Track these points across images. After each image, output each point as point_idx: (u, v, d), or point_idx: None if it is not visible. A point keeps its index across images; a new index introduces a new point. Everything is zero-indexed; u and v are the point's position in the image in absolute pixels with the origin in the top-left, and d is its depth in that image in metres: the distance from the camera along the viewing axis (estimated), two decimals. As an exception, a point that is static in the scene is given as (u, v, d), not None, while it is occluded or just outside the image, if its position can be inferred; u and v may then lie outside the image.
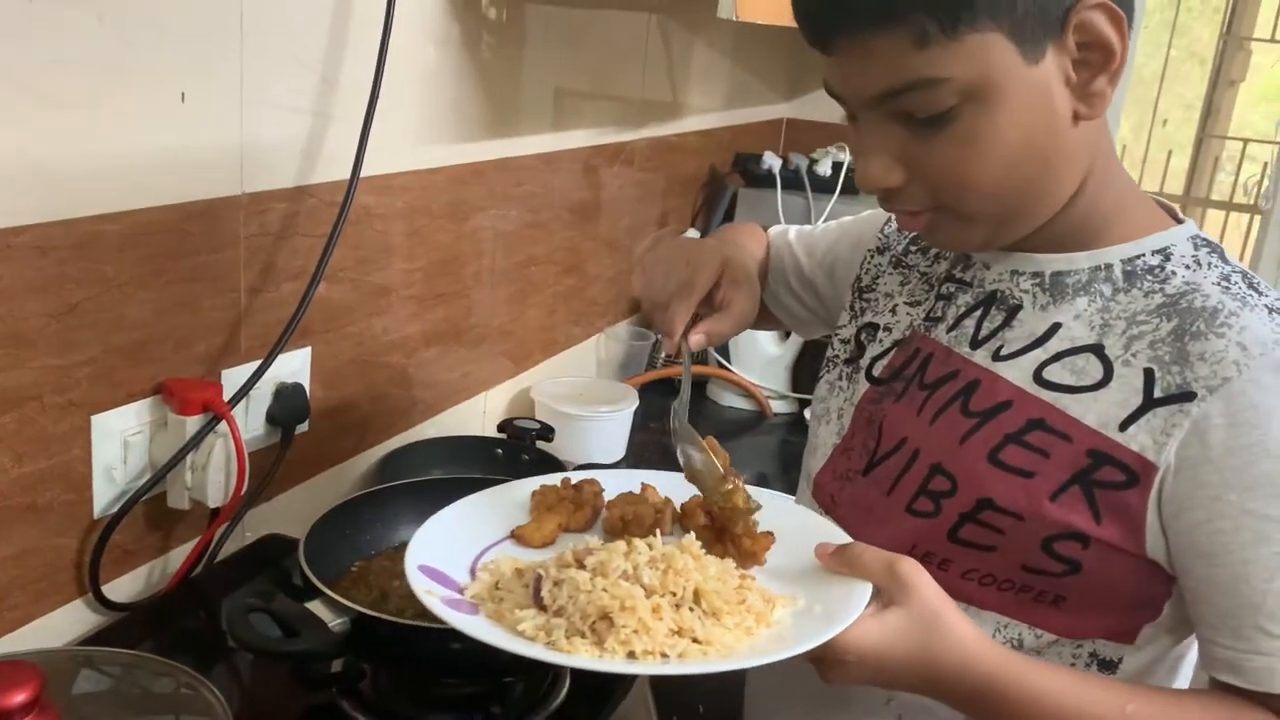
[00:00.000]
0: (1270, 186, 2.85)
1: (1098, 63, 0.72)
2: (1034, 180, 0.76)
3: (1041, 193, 0.77)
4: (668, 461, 0.91)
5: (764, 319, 1.13)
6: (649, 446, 1.66)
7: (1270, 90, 3.53)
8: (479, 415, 1.59)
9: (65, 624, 1.01)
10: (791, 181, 2.09)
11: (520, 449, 1.40)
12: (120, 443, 1.01)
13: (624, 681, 1.00)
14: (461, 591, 0.76)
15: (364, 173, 1.16)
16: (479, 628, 0.70)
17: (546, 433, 1.43)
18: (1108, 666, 0.80)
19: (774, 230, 1.13)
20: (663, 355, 1.97)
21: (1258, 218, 2.99)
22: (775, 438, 1.87)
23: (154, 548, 1.09)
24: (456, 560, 0.79)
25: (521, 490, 0.88)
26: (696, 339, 0.85)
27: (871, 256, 0.99)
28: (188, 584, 1.11)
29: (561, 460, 1.39)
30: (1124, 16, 0.71)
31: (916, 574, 0.70)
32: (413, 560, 0.76)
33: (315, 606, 0.85)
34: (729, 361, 1.93)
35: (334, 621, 0.84)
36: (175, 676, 0.83)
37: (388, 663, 0.94)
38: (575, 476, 0.89)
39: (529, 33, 1.50)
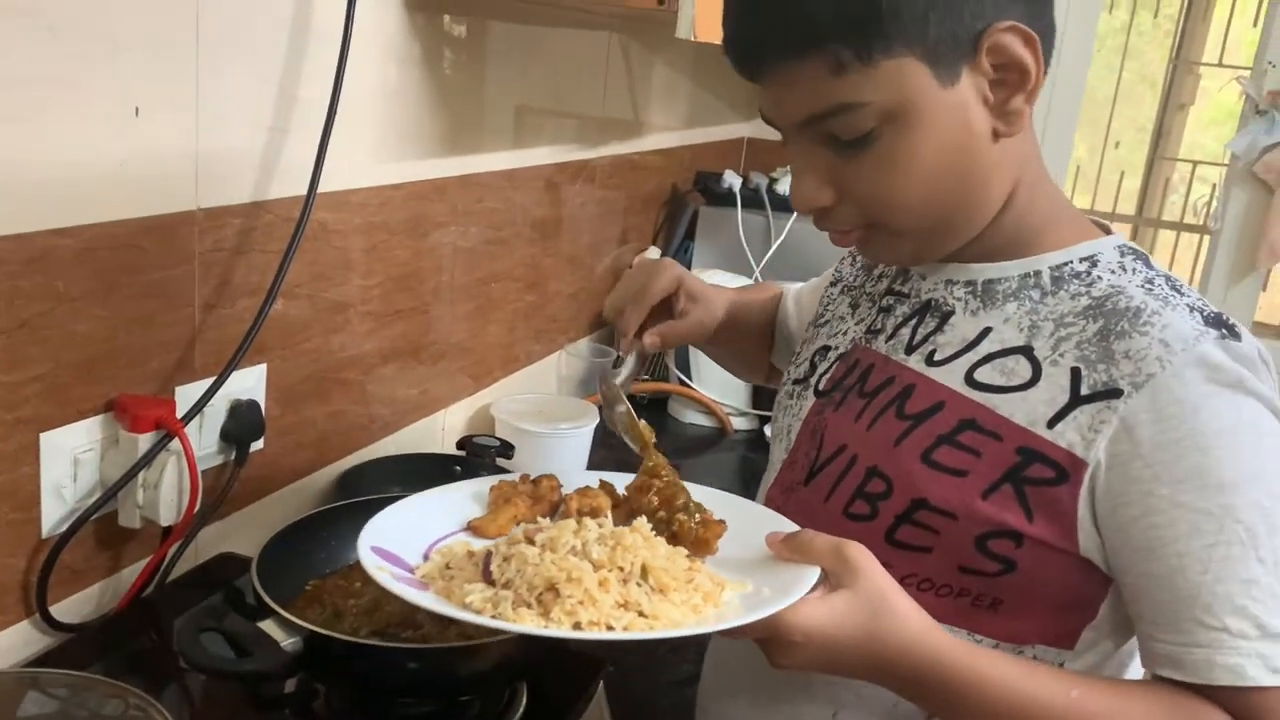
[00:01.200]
0: (1218, 207, 2.91)
1: (1015, 82, 0.75)
2: (957, 196, 0.78)
3: (966, 207, 0.80)
4: (629, 476, 0.92)
5: (776, 376, 1.15)
6: (610, 463, 1.65)
7: (1219, 114, 3.61)
8: (438, 432, 1.58)
9: (11, 645, 0.99)
10: (751, 200, 2.11)
11: (480, 466, 1.39)
12: (70, 460, 0.99)
13: (582, 699, 1.00)
14: (413, 572, 0.77)
15: (322, 188, 1.15)
16: (426, 600, 0.71)
17: (506, 450, 1.43)
18: None
19: (787, 288, 1.16)
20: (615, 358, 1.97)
21: (1207, 238, 3.06)
22: (736, 454, 1.88)
23: (104, 567, 1.07)
24: (411, 546, 0.80)
25: (482, 486, 0.89)
26: (651, 340, 0.95)
27: (828, 290, 1.02)
28: (139, 604, 1.09)
29: (521, 477, 1.38)
30: (1037, 38, 0.74)
31: (864, 557, 0.72)
32: (366, 541, 0.77)
33: (268, 626, 0.84)
34: (690, 379, 1.94)
35: (287, 641, 0.84)
36: (124, 698, 0.81)
37: (341, 682, 0.93)
38: (535, 474, 0.90)
39: (490, 50, 1.51)
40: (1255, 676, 0.70)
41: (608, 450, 1.68)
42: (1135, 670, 0.84)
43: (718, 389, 1.94)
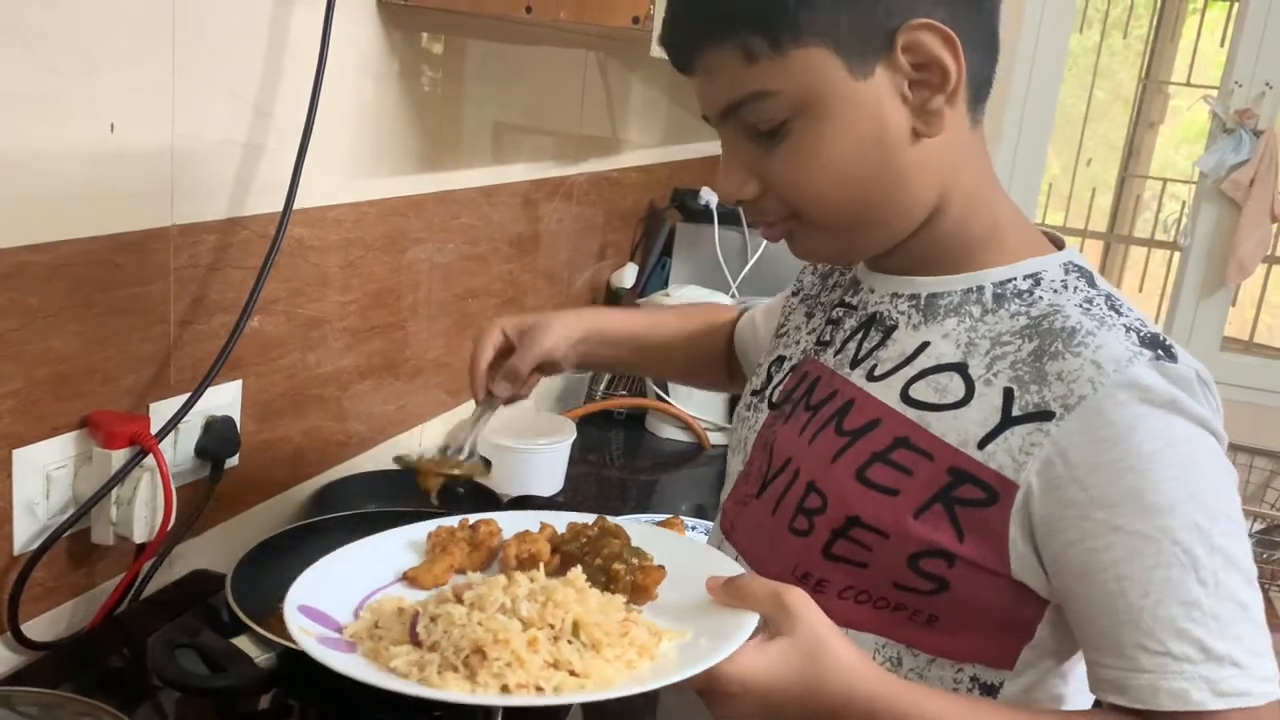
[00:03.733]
0: (1188, 224, 2.96)
1: (936, 83, 0.75)
2: (874, 191, 0.78)
3: (885, 204, 0.79)
4: (606, 494, 0.92)
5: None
6: (587, 479, 1.67)
7: (1188, 132, 3.67)
8: (415, 448, 1.58)
9: (-18, 664, 0.98)
10: (728, 217, 2.12)
11: (456, 482, 1.39)
12: (43, 477, 0.99)
13: (558, 713, 1.00)
14: (340, 630, 0.74)
15: (298, 205, 1.16)
16: (351, 665, 0.69)
17: (484, 465, 1.42)
18: (989, 691, 0.81)
19: (749, 310, 1.17)
20: (600, 387, 1.98)
21: (1178, 254, 3.10)
22: (713, 469, 1.89)
23: (77, 585, 1.07)
24: (342, 601, 0.77)
25: (419, 533, 0.86)
26: (499, 389, 1.04)
27: (789, 300, 1.02)
28: (111, 621, 1.08)
29: (498, 493, 1.38)
30: (956, 39, 0.73)
31: (803, 603, 0.70)
32: (293, 600, 0.75)
33: (242, 642, 0.84)
34: (667, 395, 1.95)
35: (261, 657, 0.84)
36: (97, 716, 0.81)
37: (316, 698, 0.93)
38: (474, 518, 0.87)
39: (467, 68, 1.52)
40: (1200, 700, 0.70)
41: (585, 465, 1.68)
42: (1076, 685, 0.83)
43: (695, 404, 1.94)
